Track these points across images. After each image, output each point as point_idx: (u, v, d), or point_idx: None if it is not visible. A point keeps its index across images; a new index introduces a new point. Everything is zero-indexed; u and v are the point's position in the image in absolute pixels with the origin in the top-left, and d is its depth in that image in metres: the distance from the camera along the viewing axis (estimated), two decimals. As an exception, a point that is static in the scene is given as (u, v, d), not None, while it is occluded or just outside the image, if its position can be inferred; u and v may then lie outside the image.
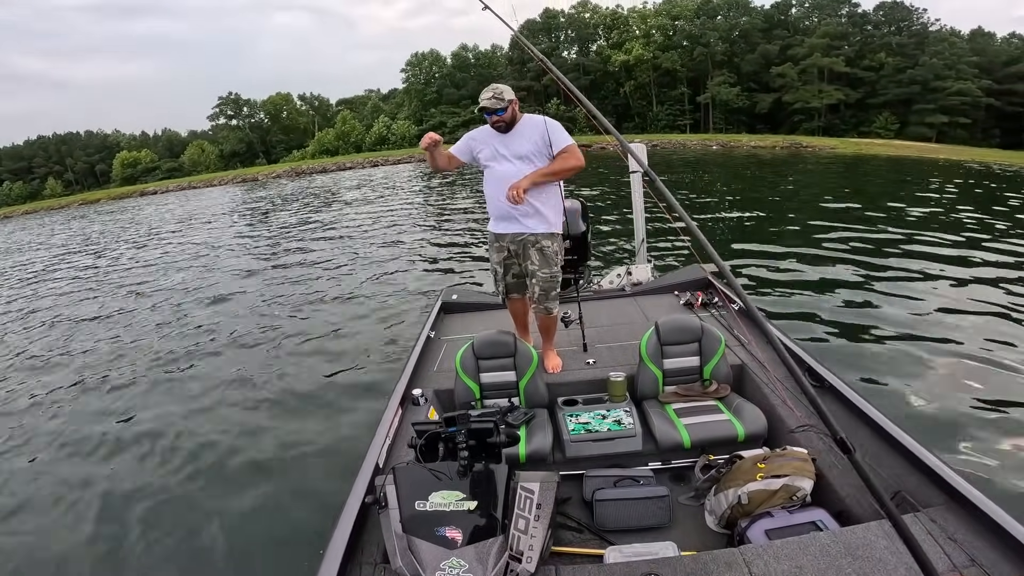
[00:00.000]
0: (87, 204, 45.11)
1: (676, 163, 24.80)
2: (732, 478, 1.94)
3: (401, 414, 2.44)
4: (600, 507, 2.03)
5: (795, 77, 45.53)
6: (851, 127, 44.56)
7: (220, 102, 64.43)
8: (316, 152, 58.87)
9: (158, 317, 7.09)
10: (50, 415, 4.54)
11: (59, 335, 6.89)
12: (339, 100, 72.39)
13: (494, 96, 2.53)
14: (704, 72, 49.98)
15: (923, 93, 41.71)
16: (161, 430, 3.99)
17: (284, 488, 3.12)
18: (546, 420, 2.45)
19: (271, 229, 14.41)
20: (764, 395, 2.47)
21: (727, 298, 3.52)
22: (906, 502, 1.69)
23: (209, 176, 52.50)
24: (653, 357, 2.57)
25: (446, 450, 1.68)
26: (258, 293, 7.64)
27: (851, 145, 32.18)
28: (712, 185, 16.77)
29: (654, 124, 51.34)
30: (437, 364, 3.03)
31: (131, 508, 3.11)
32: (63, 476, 3.58)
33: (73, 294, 9.32)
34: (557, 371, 2.82)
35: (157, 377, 5.05)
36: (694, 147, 35.46)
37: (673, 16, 52.10)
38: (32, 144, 69.16)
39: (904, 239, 7.99)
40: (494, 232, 2.74)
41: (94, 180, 66.71)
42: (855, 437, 2.06)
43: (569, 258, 3.66)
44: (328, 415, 3.94)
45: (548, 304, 2.71)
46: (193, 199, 31.94)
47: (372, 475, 1.93)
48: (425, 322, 3.56)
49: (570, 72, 53.77)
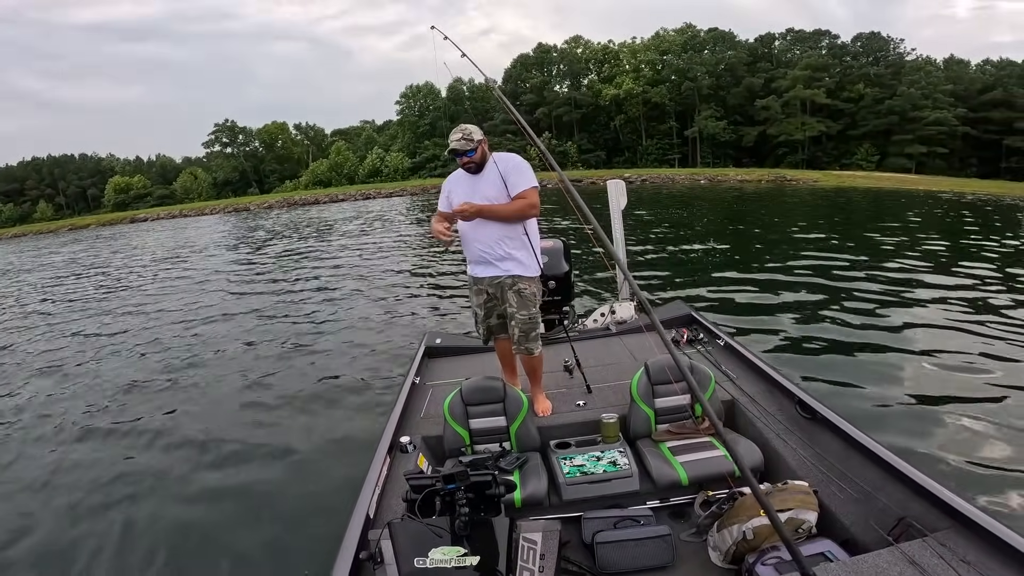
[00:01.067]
0: (76, 229, 44.91)
1: (664, 198, 25.31)
2: (735, 514, 1.93)
3: (390, 463, 2.40)
4: (602, 549, 1.99)
5: (779, 109, 47.10)
6: (833, 159, 45.94)
7: (216, 129, 65.18)
8: (309, 183, 59.28)
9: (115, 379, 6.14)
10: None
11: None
12: (334, 130, 73.57)
13: (463, 137, 2.55)
14: (692, 106, 51.55)
15: (901, 123, 43.18)
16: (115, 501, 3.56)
17: (267, 539, 2.97)
18: (539, 464, 2.42)
19: (256, 265, 13.90)
20: (757, 429, 2.48)
21: (712, 334, 3.56)
22: (912, 528, 1.69)
23: (200, 204, 52.60)
24: (644, 397, 2.57)
25: (443, 504, 1.63)
26: (234, 337, 7.10)
27: (833, 178, 33.17)
28: (700, 220, 17.19)
29: (644, 158, 52.44)
30: (424, 410, 2.99)
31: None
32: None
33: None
34: (547, 414, 2.79)
35: (104, 426, 4.67)
36: (682, 181, 36.23)
37: (662, 51, 54.05)
38: (26, 165, 68.84)
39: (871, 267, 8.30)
40: (472, 276, 2.75)
41: (85, 205, 66.47)
42: (853, 467, 2.09)
43: (553, 299, 3.68)
44: (308, 464, 3.75)
45: (529, 345, 2.70)
46: (181, 229, 31.56)
47: (363, 528, 1.87)
48: (409, 368, 3.51)
49: (562, 106, 55.20)
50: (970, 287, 7.01)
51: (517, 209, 2.56)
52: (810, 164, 45.36)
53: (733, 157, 50.05)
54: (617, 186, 4.45)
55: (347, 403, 4.66)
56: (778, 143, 47.53)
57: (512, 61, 59.81)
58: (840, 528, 1.87)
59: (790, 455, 2.26)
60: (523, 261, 2.64)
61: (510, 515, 1.79)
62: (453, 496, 1.59)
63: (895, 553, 1.55)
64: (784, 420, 2.46)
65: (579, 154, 53.82)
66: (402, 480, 1.71)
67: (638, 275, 8.46)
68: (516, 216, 2.59)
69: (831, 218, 16.37)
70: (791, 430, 2.37)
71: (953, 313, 5.93)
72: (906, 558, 1.52)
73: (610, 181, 4.56)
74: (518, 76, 58.67)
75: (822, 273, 7.96)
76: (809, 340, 5.27)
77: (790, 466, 2.21)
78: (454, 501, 1.59)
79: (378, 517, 2.03)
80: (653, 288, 7.75)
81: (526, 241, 2.65)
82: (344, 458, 3.63)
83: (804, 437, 2.33)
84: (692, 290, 7.59)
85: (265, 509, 3.27)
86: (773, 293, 7.13)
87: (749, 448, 2.33)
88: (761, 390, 2.77)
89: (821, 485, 2.03)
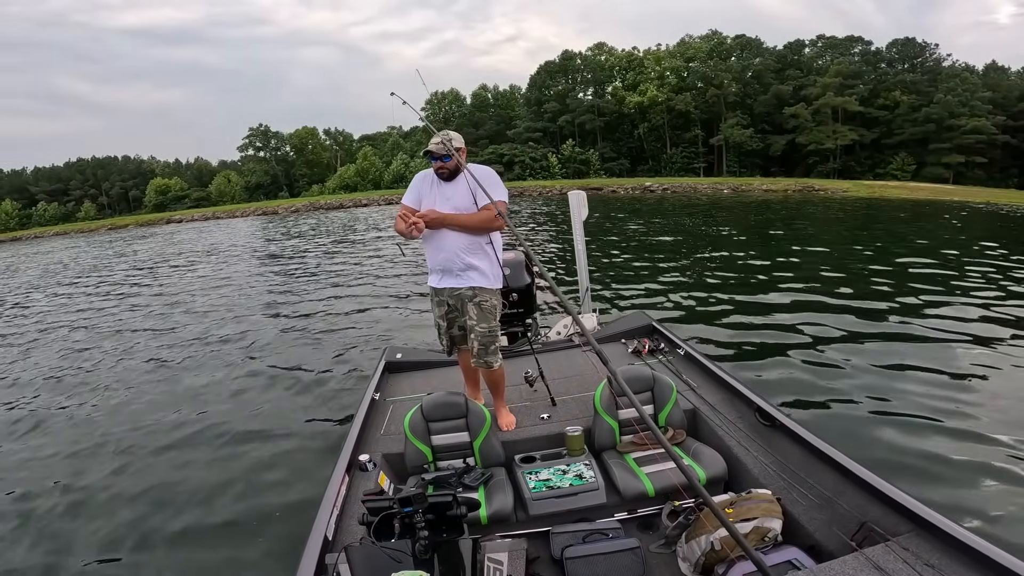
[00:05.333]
0: (115, 229, 46.82)
1: (683, 206, 24.92)
2: (702, 525, 1.96)
3: (348, 482, 2.33)
4: (571, 564, 2.01)
5: (808, 117, 45.96)
6: (867, 169, 44.53)
7: (250, 133, 67.12)
8: (336, 187, 60.51)
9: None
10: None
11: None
12: (361, 136, 74.91)
13: (442, 142, 2.53)
14: (718, 114, 50.75)
15: (938, 132, 41.58)
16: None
17: (218, 563, 2.83)
18: (505, 479, 2.40)
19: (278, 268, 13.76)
20: (719, 437, 2.50)
21: (673, 344, 3.57)
22: (874, 532, 1.72)
23: (232, 207, 54.19)
24: (608, 409, 2.58)
25: (402, 527, 1.56)
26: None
27: (864, 188, 32.13)
28: (721, 229, 16.87)
29: (668, 166, 51.83)
30: (384, 427, 2.92)
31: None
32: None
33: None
34: (511, 429, 2.77)
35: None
36: (705, 191, 35.57)
37: (687, 58, 53.40)
38: (71, 166, 71.79)
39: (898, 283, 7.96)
40: (433, 287, 2.72)
41: (126, 205, 69.14)
42: (814, 473, 2.11)
43: (516, 311, 3.66)
44: (261, 483, 3.52)
45: (488, 359, 2.65)
46: (213, 230, 32.40)
47: (321, 551, 1.81)
48: (368, 383, 3.42)
49: (585, 113, 55.08)
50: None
51: (482, 220, 2.54)
52: (842, 174, 44.05)
53: (761, 166, 49.04)
54: (578, 197, 4.44)
55: (302, 420, 4.39)
56: (808, 152, 46.36)
57: (537, 68, 60.03)
58: (805, 535, 1.91)
59: (752, 463, 2.29)
60: (485, 272, 2.62)
61: (476, 532, 1.79)
62: (412, 519, 1.54)
63: (860, 559, 1.57)
64: (745, 428, 2.50)
65: (601, 162, 53.55)
66: (361, 503, 1.66)
67: (636, 287, 8.46)
68: (480, 227, 2.57)
69: (859, 229, 15.79)
70: (752, 438, 2.41)
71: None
72: (871, 563, 1.55)
73: (571, 192, 4.55)
74: (542, 83, 58.66)
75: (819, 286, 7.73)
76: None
77: (753, 474, 2.24)
78: (413, 524, 1.54)
79: (336, 540, 1.97)
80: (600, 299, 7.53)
81: (489, 252, 2.64)
82: (300, 478, 3.47)
83: (765, 445, 2.36)
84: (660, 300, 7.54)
85: (216, 531, 3.09)
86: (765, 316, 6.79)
87: (713, 458, 2.36)
88: (722, 399, 2.80)
89: (784, 492, 2.06)
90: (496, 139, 56.94)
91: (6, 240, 48.80)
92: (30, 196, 66.89)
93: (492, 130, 58.75)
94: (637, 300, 7.72)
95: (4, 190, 66.41)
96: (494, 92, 64.32)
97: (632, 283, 8.89)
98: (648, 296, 7.95)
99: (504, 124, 59.74)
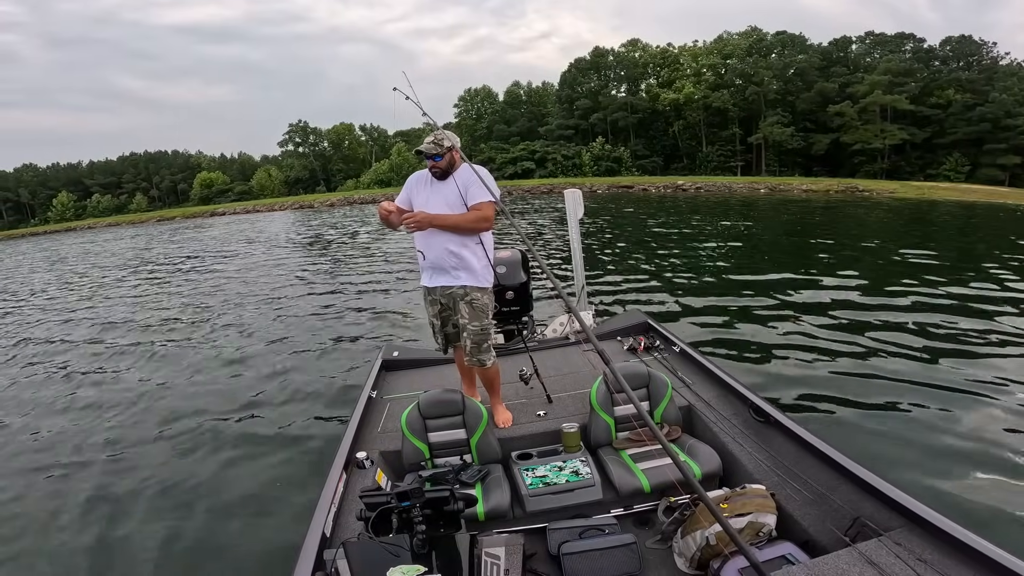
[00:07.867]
0: (163, 221, 49.11)
1: (714, 204, 24.33)
2: (697, 520, 1.98)
3: (346, 479, 2.35)
4: (568, 560, 2.02)
5: (854, 116, 44.11)
6: (917, 169, 42.50)
7: (290, 128, 69.35)
8: (370, 182, 61.78)
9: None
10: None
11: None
12: (396, 132, 75.99)
13: (434, 141, 2.54)
14: (757, 112, 49.27)
15: (994, 132, 39.39)
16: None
17: (216, 557, 2.86)
18: (502, 476, 2.43)
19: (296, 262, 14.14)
20: (714, 433, 2.52)
21: (668, 341, 3.57)
22: (867, 527, 1.73)
23: (271, 201, 56.22)
24: (604, 405, 2.60)
25: (400, 522, 1.56)
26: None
27: (912, 189, 30.63)
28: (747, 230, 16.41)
29: (704, 165, 50.68)
30: (381, 425, 2.94)
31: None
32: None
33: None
34: (508, 426, 2.78)
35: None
36: (740, 190, 34.56)
37: (725, 55, 52.03)
38: (124, 160, 75.92)
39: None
40: (425, 286, 2.74)
41: (175, 198, 72.67)
42: (807, 469, 2.11)
43: (512, 309, 3.68)
44: (261, 480, 3.56)
45: (481, 357, 2.67)
46: (252, 223, 33.52)
47: (319, 547, 1.82)
48: (365, 381, 3.45)
49: (617, 111, 54.39)
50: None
51: (470, 220, 2.55)
52: (891, 174, 42.15)
53: (802, 165, 47.38)
54: (574, 195, 4.44)
55: (300, 418, 4.45)
56: (854, 151, 44.51)
57: (568, 65, 59.63)
58: (799, 530, 1.92)
59: (747, 459, 2.30)
60: (476, 271, 2.63)
61: (473, 529, 1.82)
62: (409, 513, 1.55)
63: (853, 554, 1.58)
64: (739, 424, 2.52)
65: (633, 160, 52.83)
66: (359, 499, 1.67)
67: (642, 285, 8.48)
68: (469, 227, 2.57)
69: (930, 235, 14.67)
70: (746, 434, 2.42)
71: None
72: (864, 558, 1.56)
73: (567, 191, 4.56)
74: (572, 80, 58.21)
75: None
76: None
77: (747, 470, 2.25)
78: (411, 518, 1.54)
79: (334, 536, 2.00)
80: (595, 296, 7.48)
81: (480, 251, 2.65)
82: (297, 475, 3.53)
83: (759, 441, 2.37)
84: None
85: (212, 526, 3.13)
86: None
87: (708, 454, 2.37)
88: (716, 395, 2.82)
89: (778, 488, 2.06)
90: (528, 136, 56.90)
91: (60, 231, 51.55)
92: (85, 188, 71.04)
93: (524, 127, 58.71)
94: (633, 297, 7.73)
95: (61, 182, 70.80)
96: (527, 89, 64.21)
97: (632, 280, 8.96)
98: (647, 293, 7.98)
99: (536, 121, 59.60)
